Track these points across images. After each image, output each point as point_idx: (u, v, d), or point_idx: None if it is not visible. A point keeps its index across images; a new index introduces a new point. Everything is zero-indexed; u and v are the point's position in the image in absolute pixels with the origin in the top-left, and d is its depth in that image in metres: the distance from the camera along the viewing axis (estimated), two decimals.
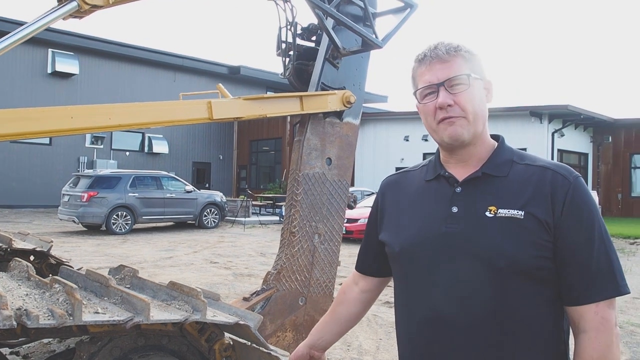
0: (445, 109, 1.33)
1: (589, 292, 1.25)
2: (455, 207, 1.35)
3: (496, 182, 1.34)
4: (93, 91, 24.06)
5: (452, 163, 1.42)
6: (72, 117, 2.69)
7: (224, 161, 29.50)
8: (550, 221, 1.26)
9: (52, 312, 1.54)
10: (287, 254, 3.98)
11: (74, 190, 15.07)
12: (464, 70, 1.34)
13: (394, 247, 1.46)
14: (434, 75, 1.35)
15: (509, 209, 1.28)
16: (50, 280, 1.76)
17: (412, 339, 1.42)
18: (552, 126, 20.65)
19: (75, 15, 2.93)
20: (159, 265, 9.87)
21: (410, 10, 4.26)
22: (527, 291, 1.27)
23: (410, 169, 1.59)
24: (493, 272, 1.26)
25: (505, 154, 1.39)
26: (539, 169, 1.33)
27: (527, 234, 1.25)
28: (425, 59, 1.37)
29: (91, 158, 24.58)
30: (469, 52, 1.37)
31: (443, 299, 1.32)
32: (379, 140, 24.90)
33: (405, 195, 1.51)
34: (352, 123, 4.30)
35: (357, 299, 1.69)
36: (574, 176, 1.30)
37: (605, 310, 1.25)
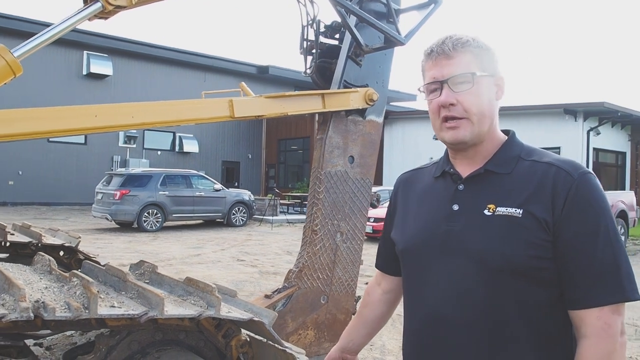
0: (447, 107, 1.30)
1: (591, 295, 1.19)
2: (456, 205, 1.33)
3: (499, 180, 1.31)
4: (126, 92, 24.54)
5: (458, 159, 1.40)
6: (96, 115, 2.76)
7: (252, 160, 29.73)
8: (549, 220, 1.21)
9: (69, 304, 1.58)
10: (309, 252, 4.00)
11: (107, 189, 15.40)
12: (470, 67, 1.29)
13: (399, 245, 1.46)
14: (439, 71, 1.31)
15: (507, 207, 1.25)
16: (70, 275, 1.81)
17: (412, 337, 1.42)
18: (588, 124, 20.12)
19: (100, 16, 3.00)
20: (187, 262, 10.01)
21: (434, 6, 4.21)
22: (524, 293, 1.23)
23: (424, 166, 1.57)
24: (487, 272, 1.24)
25: (513, 150, 1.35)
26: (544, 166, 1.28)
27: (524, 233, 1.21)
28: (432, 54, 1.33)
29: (124, 157, 25.10)
30: (479, 47, 1.32)
31: (439, 298, 1.31)
32: (407, 139, 24.71)
33: (415, 192, 1.49)
34: (375, 121, 4.28)
35: (381, 300, 1.68)
36: (579, 172, 1.23)
37: (608, 316, 1.17)
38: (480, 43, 1.33)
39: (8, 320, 1.44)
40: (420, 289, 1.37)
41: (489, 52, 1.34)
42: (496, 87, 1.35)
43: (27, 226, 3.65)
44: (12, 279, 1.60)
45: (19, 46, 2.52)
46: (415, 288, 1.40)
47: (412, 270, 1.42)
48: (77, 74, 24.45)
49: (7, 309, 1.47)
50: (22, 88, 20.24)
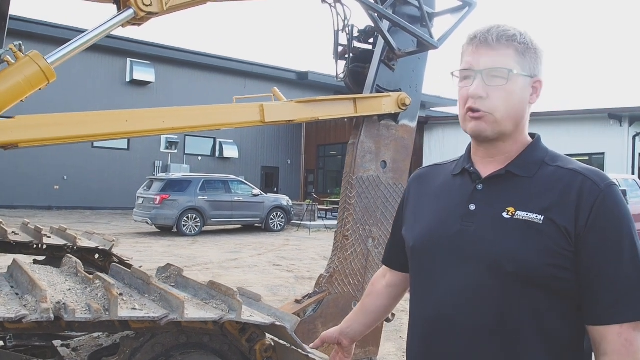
0: (475, 99, 1.25)
1: (614, 311, 1.14)
2: (473, 204, 1.28)
3: (520, 183, 1.26)
4: (168, 98, 25.07)
5: (479, 157, 1.35)
6: (127, 120, 2.81)
7: (292, 166, 29.89)
8: (572, 230, 1.16)
9: (89, 306, 1.60)
10: (340, 258, 3.96)
11: (148, 193, 15.73)
12: (509, 63, 1.23)
13: (409, 241, 1.42)
14: (477, 60, 1.26)
15: (527, 212, 1.19)
16: (93, 277, 1.83)
17: (418, 337, 1.37)
18: (633, 129, 19.39)
19: (133, 22, 3.05)
20: (224, 266, 10.11)
21: (468, 9, 4.14)
22: (538, 302, 1.18)
23: (442, 163, 1.53)
24: (501, 276, 1.19)
25: (537, 154, 1.30)
26: (569, 173, 1.22)
27: (543, 240, 1.16)
28: (474, 41, 1.28)
29: (166, 162, 25.62)
30: (524, 44, 1.26)
31: (447, 300, 1.27)
32: (447, 144, 24.39)
33: (430, 188, 1.45)
34: (408, 126, 4.23)
35: (384, 293, 1.66)
36: (606, 183, 1.18)
37: (630, 333, 1.13)
38: (527, 40, 1.27)
39: (29, 321, 1.46)
40: (430, 288, 1.33)
41: (534, 51, 1.28)
42: (532, 89, 1.29)
43: (64, 229, 3.75)
44: (35, 281, 1.64)
45: (53, 52, 2.59)
46: (424, 287, 1.36)
47: (422, 268, 1.37)
48: (120, 81, 25.15)
49: (29, 309, 1.50)
50: (66, 95, 21.01)
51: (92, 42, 2.84)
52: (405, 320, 6.06)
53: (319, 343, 1.70)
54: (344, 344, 1.66)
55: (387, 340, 5.11)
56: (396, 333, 5.54)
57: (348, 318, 1.71)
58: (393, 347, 5.12)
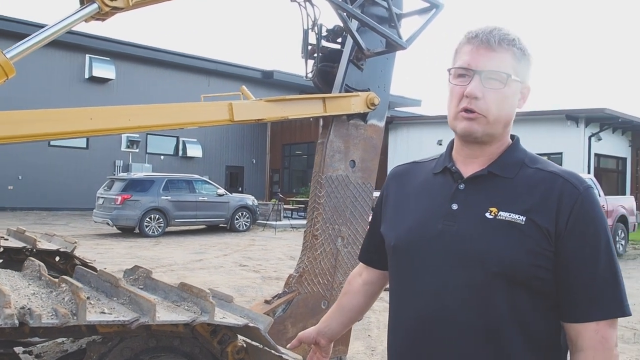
0: (471, 99, 1.25)
1: (591, 309, 1.18)
2: (455, 204, 1.29)
3: (501, 183, 1.27)
4: (129, 96, 24.54)
5: (461, 157, 1.35)
6: (92, 118, 2.72)
7: (257, 165, 29.70)
8: (552, 231, 1.18)
9: (56, 311, 1.54)
10: (309, 257, 3.94)
11: (109, 193, 15.36)
12: (508, 67, 1.25)
13: (389, 240, 1.41)
14: (476, 60, 1.25)
15: (510, 213, 1.21)
16: (59, 280, 1.76)
17: (399, 337, 1.37)
18: (589, 130, 20.06)
19: (97, 17, 2.96)
20: (189, 267, 9.96)
21: (435, 11, 4.18)
22: (520, 301, 1.20)
23: (421, 160, 1.52)
24: (484, 276, 1.20)
25: (517, 155, 1.32)
26: (549, 175, 1.25)
27: (526, 240, 1.18)
28: (475, 40, 1.27)
29: (127, 162, 25.09)
30: (522, 51, 1.27)
31: (430, 299, 1.27)
32: (412, 144, 24.67)
33: (410, 186, 1.44)
34: (376, 125, 4.24)
35: (360, 291, 1.65)
36: (584, 186, 1.22)
37: (605, 330, 1.18)
38: (523, 46, 1.29)
39: None
40: (412, 288, 1.33)
41: (527, 57, 1.29)
42: (521, 95, 1.31)
43: (22, 231, 3.61)
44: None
45: (12, 47, 2.48)
46: (406, 286, 1.35)
47: (403, 267, 1.37)
48: (79, 78, 24.44)
49: None
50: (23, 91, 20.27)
51: (54, 37, 2.75)
52: (373, 319, 6.09)
53: (296, 343, 1.68)
54: (321, 343, 1.65)
55: (355, 339, 5.12)
56: (364, 332, 5.56)
57: (325, 317, 1.70)
58: (362, 346, 5.13)
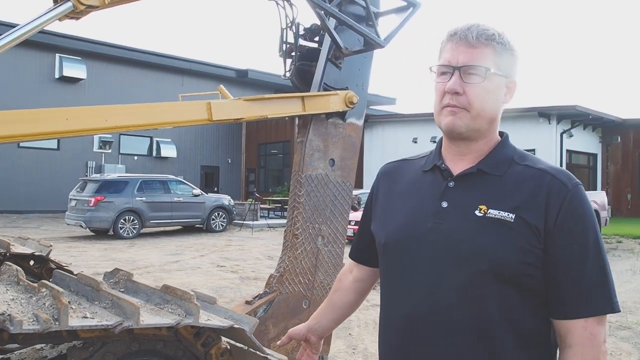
0: (452, 95, 1.26)
1: (580, 306, 1.19)
2: (445, 202, 1.29)
3: (491, 181, 1.28)
4: (100, 96, 24.14)
5: (450, 154, 1.36)
6: (67, 118, 2.66)
7: (232, 165, 29.51)
8: (541, 228, 1.19)
9: (37, 317, 1.50)
10: (290, 257, 3.93)
11: (81, 195, 15.08)
12: (487, 62, 1.26)
13: (380, 238, 1.41)
14: (455, 56, 1.27)
15: (499, 210, 1.22)
16: (39, 285, 1.72)
17: (388, 337, 1.37)
18: (561, 127, 20.47)
19: (71, 16, 2.90)
20: (166, 269, 9.85)
21: (413, 9, 4.20)
22: (510, 298, 1.21)
23: (410, 158, 1.53)
24: (474, 274, 1.21)
25: (506, 153, 1.32)
26: (537, 172, 1.26)
27: (515, 238, 1.19)
28: (454, 37, 1.29)
29: (99, 163, 24.67)
30: (502, 45, 1.28)
31: (420, 298, 1.27)
32: (387, 142, 24.81)
33: (399, 184, 1.45)
34: (355, 124, 4.24)
35: (351, 288, 1.66)
36: (573, 183, 1.23)
37: (594, 326, 1.19)
38: (505, 41, 1.29)
39: None
40: (403, 286, 1.33)
41: (510, 52, 1.30)
42: (506, 90, 1.32)
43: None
44: None
45: None
46: (397, 284, 1.35)
47: (394, 265, 1.37)
48: (49, 78, 23.93)
49: None
50: None
51: (27, 36, 2.69)
52: (354, 317, 6.09)
53: (286, 340, 1.68)
54: (312, 340, 1.66)
55: (337, 338, 5.12)
56: (345, 330, 5.56)
57: (315, 314, 1.70)
58: (343, 345, 5.14)
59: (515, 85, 1.34)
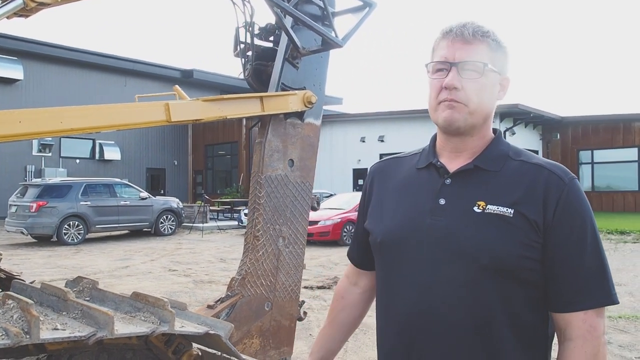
0: (450, 90, 1.27)
1: (579, 299, 1.21)
2: (442, 199, 1.30)
3: (488, 177, 1.29)
4: (40, 97, 23.21)
5: (446, 152, 1.37)
6: (20, 121, 2.53)
7: (179, 167, 28.97)
8: (540, 222, 1.21)
9: (7, 330, 1.42)
10: (251, 259, 3.88)
11: (22, 201, 14.48)
12: (483, 58, 1.28)
13: (376, 236, 1.41)
14: (452, 53, 1.28)
15: (498, 206, 1.23)
16: (3, 296, 1.63)
17: (390, 333, 1.37)
18: (504, 125, 21.21)
19: (21, 14, 2.77)
20: (115, 275, 9.56)
21: (369, 9, 4.23)
22: (510, 292, 1.23)
23: (402, 155, 1.53)
24: (475, 269, 1.22)
25: (501, 149, 1.34)
26: (534, 167, 1.28)
27: (515, 232, 1.21)
28: (449, 35, 1.30)
29: (39, 167, 23.71)
30: (496, 42, 1.31)
31: (420, 295, 1.28)
32: (335, 142, 24.97)
33: (393, 182, 1.45)
34: (313, 124, 4.24)
35: (360, 300, 1.62)
36: (569, 177, 1.25)
37: (593, 319, 1.21)
38: (498, 38, 1.32)
39: None
40: (402, 284, 1.33)
41: (503, 49, 1.33)
42: (500, 86, 1.34)
43: None
44: None
45: None
46: (396, 282, 1.35)
47: (392, 263, 1.36)
48: None
49: None
50: None
51: None
52: (312, 317, 6.10)
53: None
54: None
55: (297, 339, 5.08)
56: (306, 331, 5.56)
57: (322, 342, 1.65)
58: (305, 346, 5.13)
59: (508, 82, 1.36)
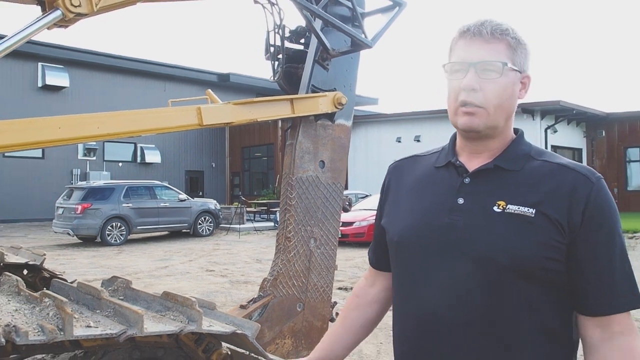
0: (468, 92, 1.23)
1: (607, 302, 1.17)
2: (461, 198, 1.27)
3: (508, 176, 1.25)
4: (84, 103, 23.95)
5: (465, 152, 1.33)
6: (60, 127, 2.65)
7: (216, 169, 29.42)
8: (564, 222, 1.16)
9: (42, 327, 1.50)
10: (283, 260, 3.93)
11: (68, 203, 14.99)
12: (502, 57, 1.23)
13: (392, 235, 1.38)
14: (470, 53, 1.24)
15: (519, 206, 1.19)
16: (41, 295, 1.72)
17: (405, 338, 1.34)
18: (545, 122, 20.67)
19: (60, 24, 2.88)
20: (155, 275, 9.80)
21: (399, 9, 4.23)
22: (530, 294, 1.18)
23: (421, 154, 1.49)
24: (494, 270, 1.18)
25: (523, 148, 1.30)
26: (557, 167, 1.23)
27: (536, 233, 1.16)
28: (467, 34, 1.26)
29: (84, 170, 24.49)
30: (516, 39, 1.26)
31: (438, 296, 1.25)
32: (370, 142, 24.88)
33: (411, 180, 1.42)
34: (344, 125, 4.26)
35: (377, 301, 1.55)
36: (596, 177, 1.20)
37: (627, 320, 1.17)
38: (518, 35, 1.27)
39: None
40: (418, 284, 1.30)
41: (523, 46, 1.28)
42: (521, 85, 1.30)
43: None
44: None
45: None
46: (412, 283, 1.32)
47: (408, 263, 1.34)
48: (31, 87, 23.73)
49: None
50: None
51: (16, 47, 2.66)
52: None
53: None
54: None
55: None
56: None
57: (325, 343, 1.55)
58: None
59: (529, 80, 1.31)
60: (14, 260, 3.31)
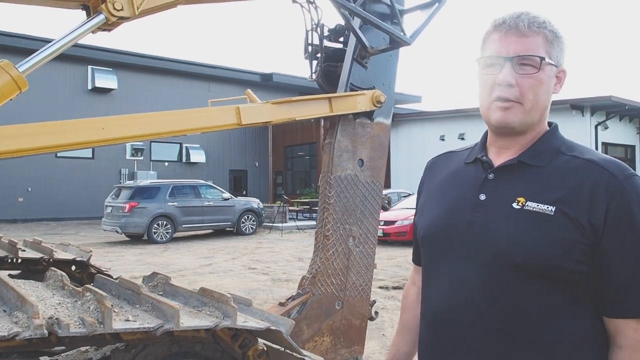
0: (504, 87, 1.19)
1: (631, 305, 1.13)
2: (483, 194, 1.25)
3: (532, 172, 1.22)
4: (131, 105, 24.65)
5: (495, 147, 1.31)
6: (104, 127, 2.74)
7: (260, 168, 29.75)
8: (585, 222, 1.12)
9: (83, 320, 1.55)
10: (321, 258, 3.95)
11: (116, 202, 15.46)
12: (540, 51, 1.19)
13: (419, 231, 1.39)
14: (506, 47, 1.20)
15: (538, 203, 1.16)
16: (83, 289, 1.78)
17: (424, 327, 1.35)
18: (595, 119, 19.97)
19: (104, 28, 2.98)
20: (199, 272, 9.99)
21: (438, 5, 4.17)
22: (547, 295, 1.15)
23: (457, 150, 1.48)
24: (509, 268, 1.16)
25: (552, 143, 1.26)
26: (585, 163, 1.18)
27: (554, 231, 1.12)
28: (503, 27, 1.21)
29: (132, 170, 25.20)
30: (553, 33, 1.22)
31: (452, 291, 1.24)
32: (414, 141, 24.64)
33: (443, 176, 1.41)
34: (383, 123, 4.24)
35: (417, 299, 1.53)
36: (625, 174, 1.14)
37: None
38: (555, 28, 1.23)
39: (22, 338, 1.41)
40: (438, 278, 1.30)
41: (559, 39, 1.23)
42: (556, 79, 1.26)
43: (38, 242, 3.64)
44: (25, 296, 1.58)
45: (23, 61, 2.51)
46: (433, 277, 1.32)
47: (432, 258, 1.34)
48: (82, 89, 24.63)
49: (21, 326, 1.45)
50: (27, 105, 20.39)
51: (63, 49, 2.77)
52: (386, 317, 6.10)
53: None
54: None
55: (370, 339, 5.11)
56: (379, 331, 5.56)
57: (393, 343, 1.62)
58: (377, 345, 5.14)
59: (565, 74, 1.28)
60: (63, 256, 3.44)
